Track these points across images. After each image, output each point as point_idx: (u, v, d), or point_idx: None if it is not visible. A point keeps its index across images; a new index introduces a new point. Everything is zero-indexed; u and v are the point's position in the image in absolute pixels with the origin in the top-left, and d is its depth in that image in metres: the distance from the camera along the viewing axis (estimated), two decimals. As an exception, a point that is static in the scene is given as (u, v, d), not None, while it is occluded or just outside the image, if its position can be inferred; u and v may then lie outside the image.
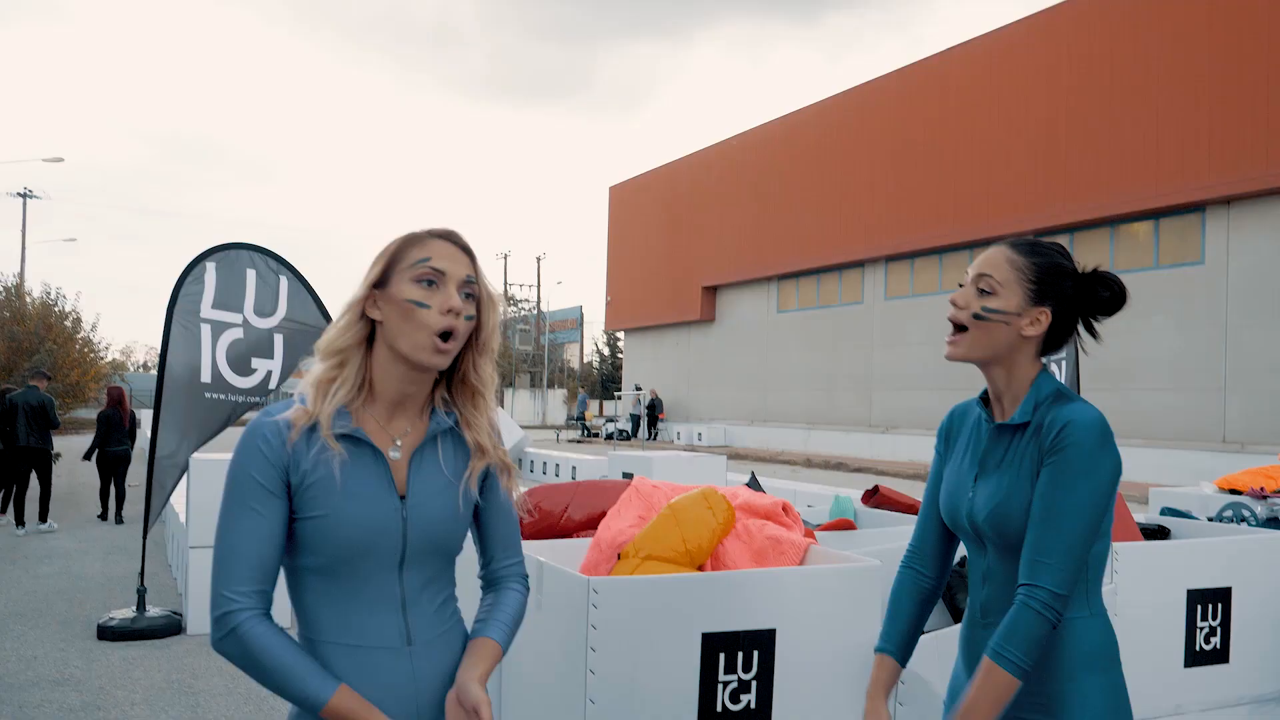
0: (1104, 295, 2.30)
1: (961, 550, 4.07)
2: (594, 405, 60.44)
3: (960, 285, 2.34)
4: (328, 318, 8.45)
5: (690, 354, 43.97)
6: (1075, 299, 2.30)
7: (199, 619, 8.09)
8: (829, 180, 34.81)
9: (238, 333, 8.34)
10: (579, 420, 49.75)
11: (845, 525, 4.84)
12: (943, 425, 2.53)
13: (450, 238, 2.05)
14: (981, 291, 2.27)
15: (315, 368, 2.03)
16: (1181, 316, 23.73)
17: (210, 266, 8.30)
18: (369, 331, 2.04)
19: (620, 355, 67.49)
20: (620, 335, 64.52)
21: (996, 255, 2.30)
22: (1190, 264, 23.76)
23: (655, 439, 40.99)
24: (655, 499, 4.18)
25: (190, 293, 8.20)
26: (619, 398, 36.89)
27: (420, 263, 2.00)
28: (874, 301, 33.37)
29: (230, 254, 8.40)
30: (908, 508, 5.04)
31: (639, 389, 43.19)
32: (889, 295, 32.74)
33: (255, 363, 8.38)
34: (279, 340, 8.48)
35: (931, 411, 29.79)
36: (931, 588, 2.50)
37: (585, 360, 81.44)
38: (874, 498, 5.19)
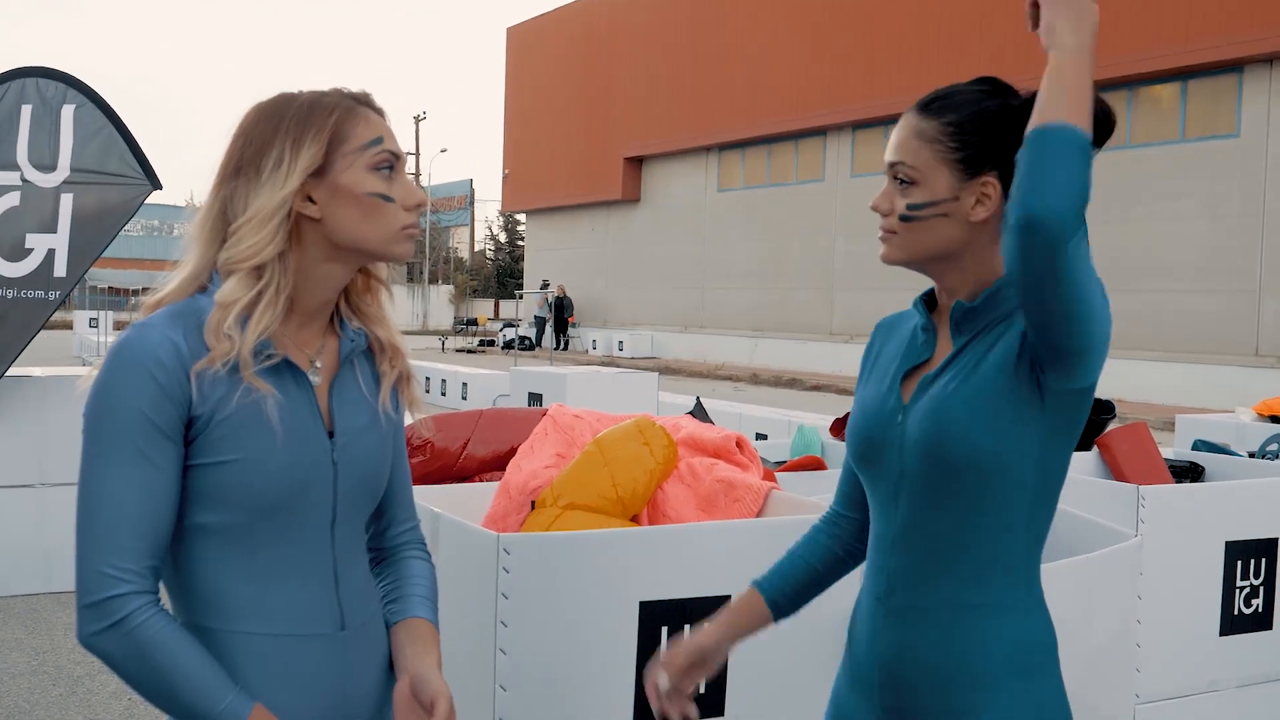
0: None
1: None
2: (489, 306, 60.33)
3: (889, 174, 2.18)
4: (145, 165, 7.86)
5: (609, 243, 43.91)
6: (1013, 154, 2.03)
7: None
8: (784, 27, 34.64)
9: (14, 199, 7.51)
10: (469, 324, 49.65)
11: (812, 464, 4.88)
12: (869, 345, 2.38)
13: (371, 104, 2.02)
14: (900, 183, 2.12)
15: (226, 285, 1.90)
16: (1211, 201, 24.13)
17: None
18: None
19: (521, 243, 67.24)
20: (521, 218, 64.22)
21: (904, 131, 2.14)
22: (1224, 136, 24.10)
23: (565, 349, 41.04)
24: (577, 432, 4.17)
25: None
26: (520, 297, 36.81)
27: (374, 146, 1.96)
28: (837, 179, 33.49)
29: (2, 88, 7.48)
30: (888, 441, 5.09)
31: (545, 286, 43.11)
32: (856, 171, 32.86)
33: (31, 240, 7.51)
34: (65, 203, 7.54)
35: (906, 316, 30.08)
36: (847, 552, 2.42)
37: (477, 249, 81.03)
38: (846, 428, 5.22)
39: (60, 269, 7.62)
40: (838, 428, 5.33)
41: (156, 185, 7.83)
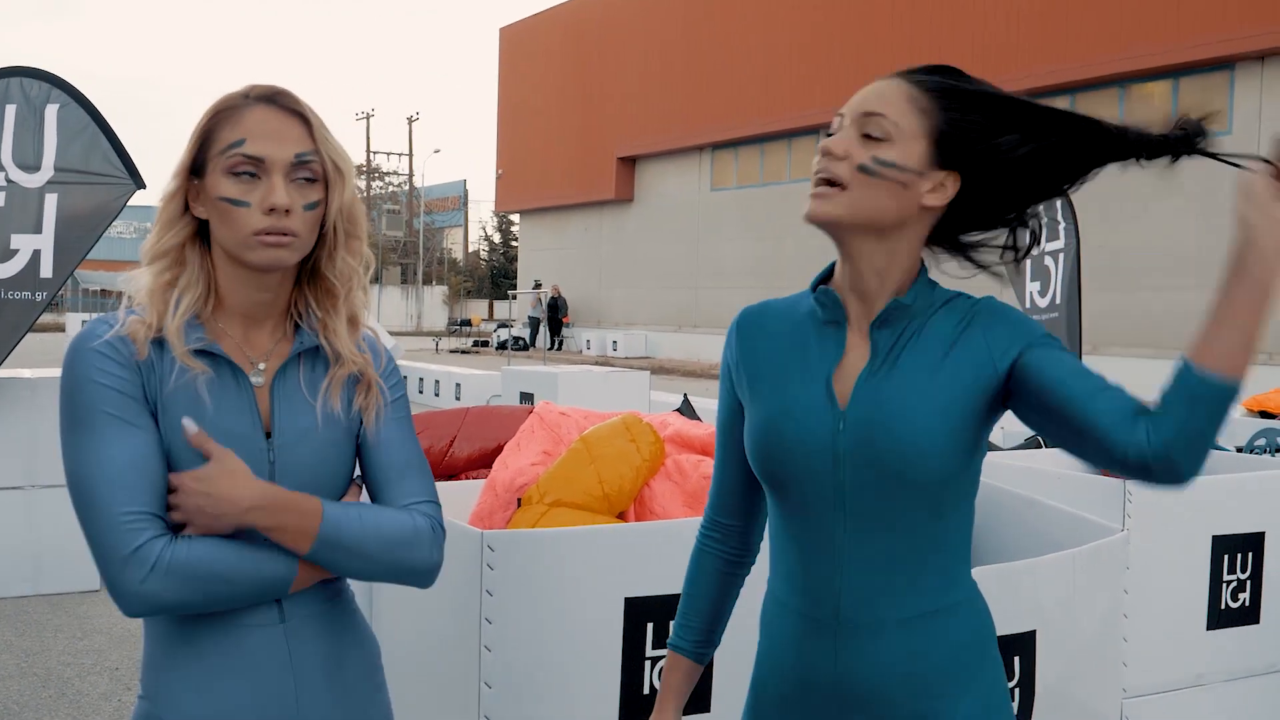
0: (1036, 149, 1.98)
1: None
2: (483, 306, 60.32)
3: (828, 134, 2.05)
4: (129, 165, 7.85)
5: (603, 242, 43.89)
6: (997, 167, 1.99)
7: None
8: (777, 25, 34.64)
9: None
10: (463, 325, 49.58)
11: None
12: (730, 334, 2.23)
13: (274, 100, 2.02)
14: (868, 137, 1.98)
15: (142, 275, 2.00)
16: (1204, 198, 24.12)
17: None
18: (197, 228, 2.03)
19: (514, 243, 67.22)
20: (515, 218, 64.16)
21: (891, 90, 2.01)
22: (1216, 133, 24.06)
23: (559, 349, 41.03)
24: (564, 430, 4.18)
25: None
26: (514, 297, 36.80)
27: (232, 149, 1.96)
28: (831, 177, 33.42)
29: None
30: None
31: (539, 286, 43.11)
32: (850, 170, 32.82)
33: (16, 240, 7.53)
34: (50, 203, 7.57)
35: (900, 314, 30.09)
36: (737, 563, 2.30)
37: (471, 250, 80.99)
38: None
39: (46, 270, 7.59)
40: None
41: (140, 185, 7.80)
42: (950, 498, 2.02)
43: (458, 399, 19.21)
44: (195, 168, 2.00)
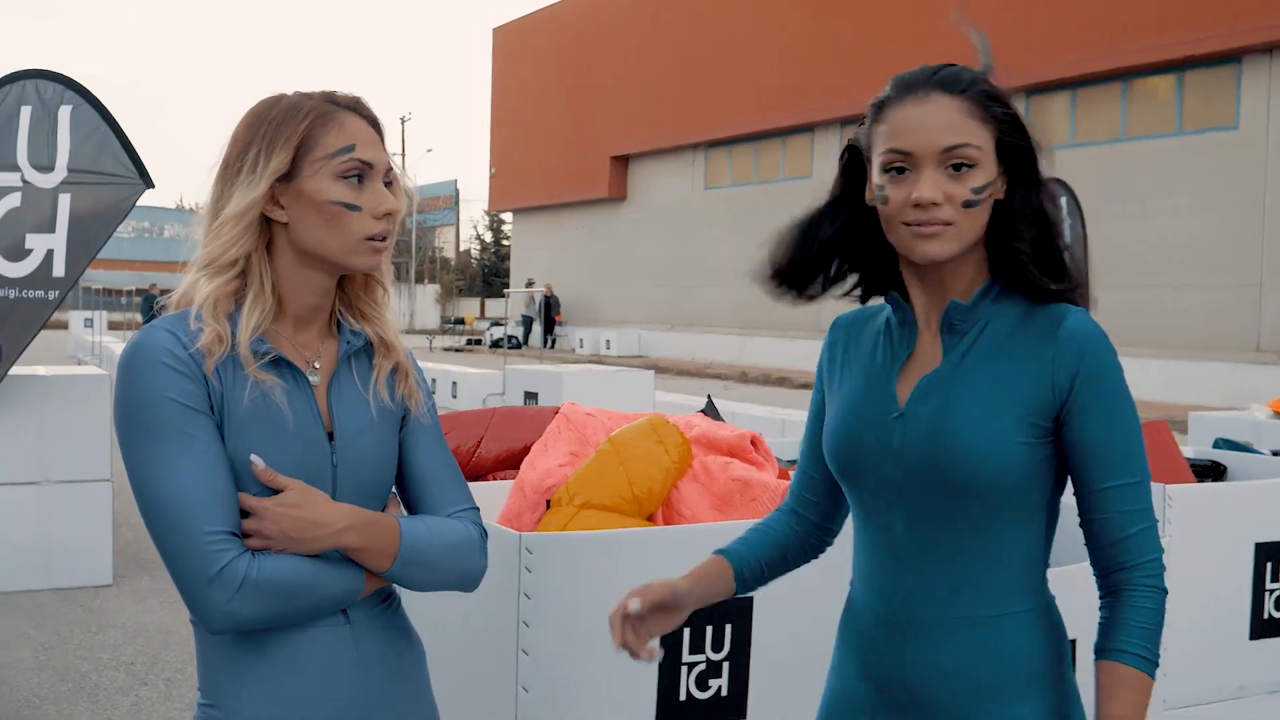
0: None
1: None
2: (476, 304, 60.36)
3: (895, 164, 2.03)
4: (138, 165, 7.88)
5: (596, 241, 43.93)
6: (1026, 163, 2.06)
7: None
8: (770, 24, 34.65)
9: (15, 199, 7.66)
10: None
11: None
12: (827, 341, 2.33)
13: (360, 110, 2.06)
14: (958, 167, 1.98)
15: (203, 284, 1.98)
16: (1210, 195, 24.15)
17: None
18: (266, 234, 2.02)
19: (506, 242, 67.30)
20: (506, 217, 64.22)
21: (952, 112, 2.01)
22: (1222, 129, 24.12)
23: (552, 347, 41.02)
24: (590, 430, 4.13)
25: None
26: (507, 295, 36.80)
27: (343, 153, 1.99)
28: (825, 175, 33.30)
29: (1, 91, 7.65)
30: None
31: (531, 284, 43.11)
32: (846, 169, 32.85)
33: (31, 240, 7.67)
34: (63, 203, 7.71)
35: (897, 314, 30.14)
36: (808, 531, 2.34)
37: (462, 248, 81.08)
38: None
39: (59, 269, 7.75)
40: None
41: (149, 184, 7.97)
42: (1011, 507, 2.02)
43: (454, 397, 19.22)
44: (287, 173, 1.98)
